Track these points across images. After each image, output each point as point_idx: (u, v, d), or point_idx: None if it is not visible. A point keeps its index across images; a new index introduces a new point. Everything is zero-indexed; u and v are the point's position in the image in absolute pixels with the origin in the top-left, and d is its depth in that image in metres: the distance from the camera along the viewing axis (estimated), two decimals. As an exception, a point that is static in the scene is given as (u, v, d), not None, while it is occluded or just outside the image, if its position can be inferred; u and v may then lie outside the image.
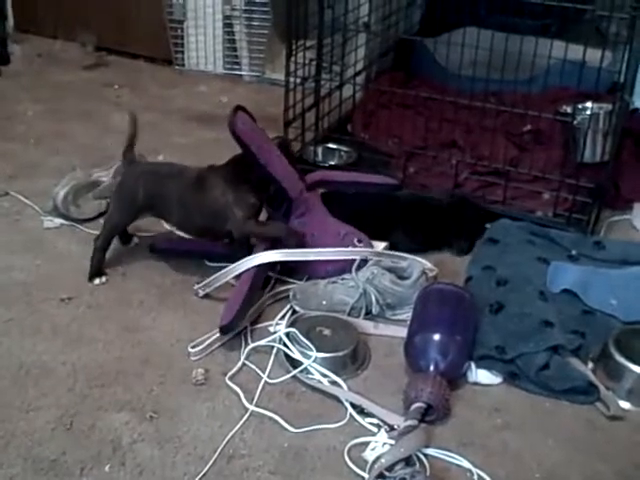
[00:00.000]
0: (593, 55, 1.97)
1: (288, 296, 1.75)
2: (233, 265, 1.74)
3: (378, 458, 1.33)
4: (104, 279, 1.83)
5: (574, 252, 1.94)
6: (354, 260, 1.76)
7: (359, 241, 1.83)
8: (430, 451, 1.37)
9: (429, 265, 1.85)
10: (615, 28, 2.31)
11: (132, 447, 1.37)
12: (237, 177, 1.77)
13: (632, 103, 2.09)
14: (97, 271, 1.83)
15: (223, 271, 1.75)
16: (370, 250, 1.81)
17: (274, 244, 1.79)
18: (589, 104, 2.16)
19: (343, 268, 1.77)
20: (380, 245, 1.92)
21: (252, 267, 1.73)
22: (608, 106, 2.07)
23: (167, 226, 1.96)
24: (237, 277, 1.75)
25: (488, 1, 2.06)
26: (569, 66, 2.07)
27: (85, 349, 1.60)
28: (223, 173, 1.79)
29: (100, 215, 2.07)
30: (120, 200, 1.85)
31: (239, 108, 1.76)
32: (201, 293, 1.76)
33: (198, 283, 1.77)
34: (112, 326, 1.68)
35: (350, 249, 1.80)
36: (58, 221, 2.04)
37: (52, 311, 1.72)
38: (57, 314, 1.71)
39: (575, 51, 2.02)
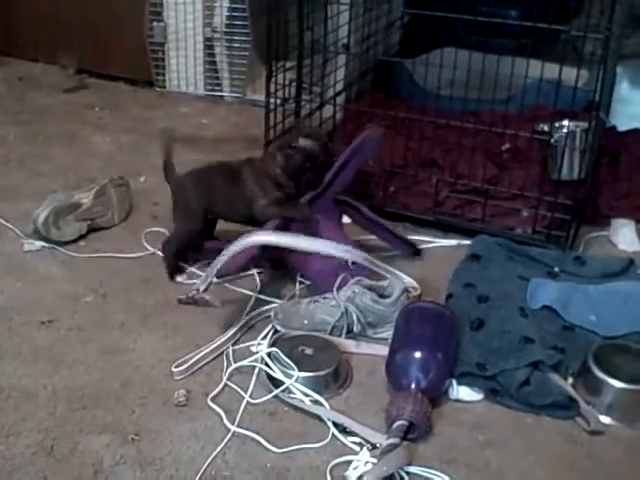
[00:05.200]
0: (569, 74, 2.00)
1: (270, 316, 1.76)
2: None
3: (361, 477, 1.34)
4: (185, 276, 1.93)
5: (557, 269, 1.96)
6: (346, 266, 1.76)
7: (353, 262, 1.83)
8: (413, 469, 1.38)
9: (414, 284, 1.86)
10: (591, 47, 2.33)
11: (114, 470, 1.36)
12: (264, 172, 1.89)
13: (608, 121, 2.12)
14: (174, 269, 1.94)
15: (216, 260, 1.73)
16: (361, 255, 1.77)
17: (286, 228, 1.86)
18: (566, 122, 2.18)
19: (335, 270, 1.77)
20: None
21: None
22: (584, 124, 2.09)
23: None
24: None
25: (465, 21, 2.08)
26: (546, 85, 2.09)
27: (66, 372, 1.60)
28: (254, 167, 1.92)
29: (81, 237, 2.07)
30: (180, 209, 1.95)
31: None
32: (203, 288, 1.73)
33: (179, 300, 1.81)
34: (93, 348, 1.67)
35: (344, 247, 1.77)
36: (39, 244, 2.04)
37: (33, 334, 1.71)
38: (38, 337, 1.70)
39: (552, 70, 2.05)
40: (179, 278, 1.92)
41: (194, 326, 1.74)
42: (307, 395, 1.54)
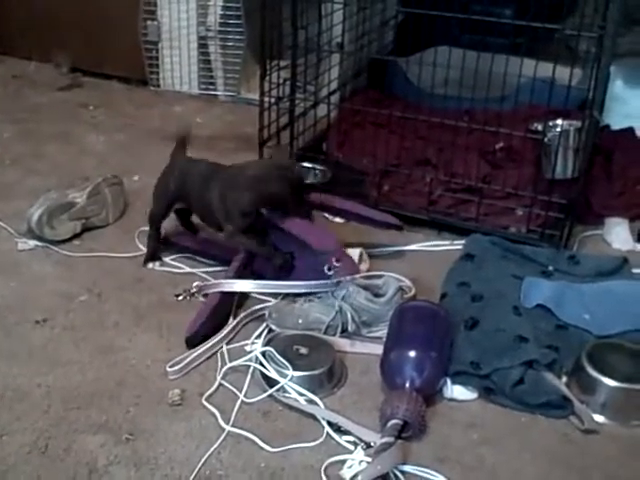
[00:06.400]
0: (563, 73, 2.00)
1: (264, 315, 1.76)
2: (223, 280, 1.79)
3: (355, 476, 1.34)
4: (157, 264, 1.97)
5: (551, 267, 1.96)
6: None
7: (337, 260, 1.83)
8: (407, 468, 1.38)
9: (408, 283, 1.87)
10: (585, 46, 2.34)
11: (108, 469, 1.36)
12: (233, 199, 1.79)
13: (601, 120, 2.12)
14: (149, 256, 1.97)
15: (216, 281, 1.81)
16: (344, 279, 1.79)
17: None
18: (559, 121, 2.19)
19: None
20: (355, 252, 1.92)
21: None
22: (578, 123, 2.09)
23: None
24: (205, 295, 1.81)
25: (459, 20, 2.08)
26: (539, 84, 2.09)
27: (60, 371, 1.59)
28: (224, 181, 1.83)
29: (75, 236, 2.07)
30: (157, 188, 1.97)
31: None
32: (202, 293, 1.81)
33: (177, 295, 1.83)
34: (88, 348, 1.67)
35: (322, 282, 1.79)
36: (32, 243, 2.03)
37: (27, 333, 1.71)
38: (32, 336, 1.70)
39: (545, 69, 2.05)
40: (150, 264, 1.96)
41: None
42: (301, 394, 1.54)
